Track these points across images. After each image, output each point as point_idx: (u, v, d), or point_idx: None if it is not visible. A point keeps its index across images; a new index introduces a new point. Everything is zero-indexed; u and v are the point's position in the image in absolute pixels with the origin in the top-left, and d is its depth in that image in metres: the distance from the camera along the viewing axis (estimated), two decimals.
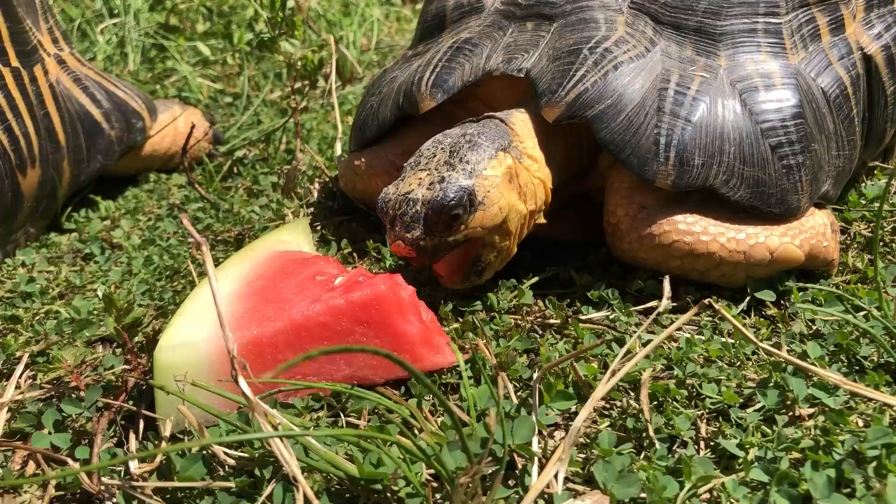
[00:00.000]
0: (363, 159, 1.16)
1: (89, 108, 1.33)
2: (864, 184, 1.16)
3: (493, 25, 1.09)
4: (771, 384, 0.78)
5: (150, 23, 2.29)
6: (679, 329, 0.90)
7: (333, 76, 1.59)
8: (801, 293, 0.94)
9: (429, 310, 0.87)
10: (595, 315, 0.94)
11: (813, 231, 0.95)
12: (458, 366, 0.83)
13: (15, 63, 1.17)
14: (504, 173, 0.91)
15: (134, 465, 0.73)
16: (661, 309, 0.75)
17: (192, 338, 0.78)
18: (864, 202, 1.12)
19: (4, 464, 0.78)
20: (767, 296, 0.93)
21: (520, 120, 0.98)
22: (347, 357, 0.80)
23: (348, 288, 0.83)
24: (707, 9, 0.99)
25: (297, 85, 1.49)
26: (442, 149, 0.91)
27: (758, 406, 0.77)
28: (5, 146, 1.14)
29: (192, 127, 1.38)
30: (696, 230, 0.92)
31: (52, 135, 1.24)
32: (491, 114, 0.97)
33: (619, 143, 0.93)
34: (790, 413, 0.76)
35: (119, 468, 0.74)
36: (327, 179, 1.35)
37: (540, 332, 0.92)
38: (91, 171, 1.36)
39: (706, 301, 0.75)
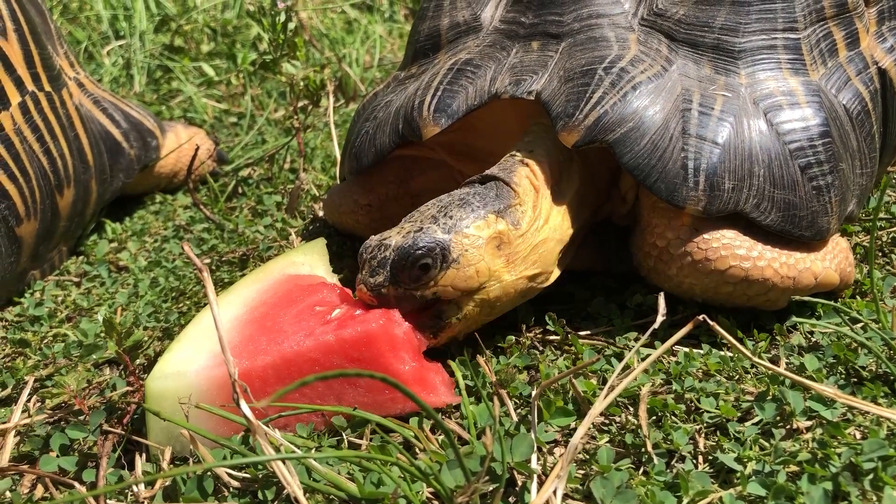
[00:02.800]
0: (334, 197, 1.18)
1: (110, 129, 1.37)
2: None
3: (495, 45, 1.06)
4: (769, 397, 0.79)
5: (156, 44, 2.32)
6: (678, 343, 0.90)
7: (332, 107, 1.60)
8: (799, 305, 0.95)
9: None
10: (594, 330, 0.95)
11: (842, 255, 0.94)
12: (453, 405, 0.84)
13: (48, 88, 1.20)
14: (491, 237, 0.86)
15: (140, 488, 0.74)
16: (656, 325, 0.76)
17: (185, 368, 0.79)
18: (863, 214, 1.13)
19: (14, 488, 0.79)
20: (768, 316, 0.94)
21: (524, 176, 0.92)
22: (338, 394, 0.80)
23: (341, 324, 0.82)
24: (724, 25, 0.96)
25: (300, 104, 1.50)
26: (436, 205, 0.89)
27: (756, 419, 0.78)
28: (46, 167, 1.18)
29: (197, 148, 1.40)
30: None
31: (83, 155, 1.27)
32: (494, 174, 0.92)
33: (645, 168, 0.89)
34: (788, 426, 0.76)
35: (125, 491, 0.75)
36: None
37: (540, 348, 0.93)
38: (114, 190, 1.40)
39: (700, 317, 0.76)
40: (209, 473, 0.74)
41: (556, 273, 0.94)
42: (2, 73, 1.11)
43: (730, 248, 0.89)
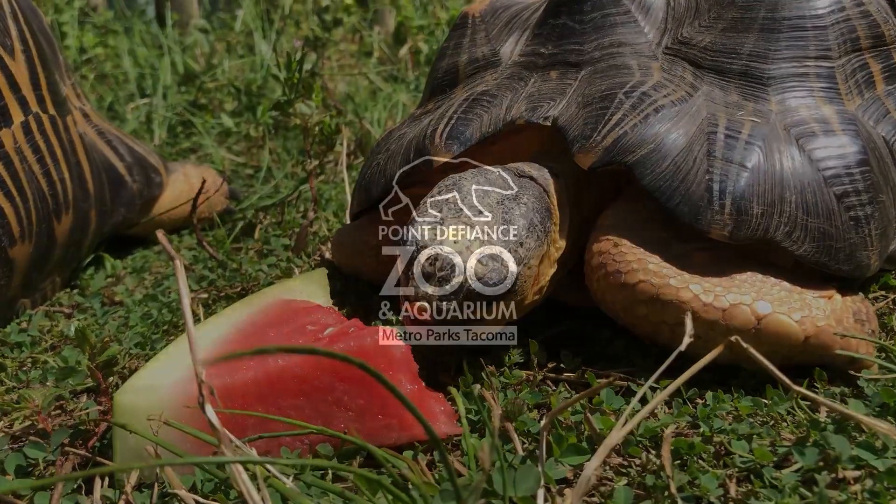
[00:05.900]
0: (343, 237, 1.14)
1: (113, 161, 1.34)
2: None
3: (513, 77, 1.03)
4: (809, 443, 0.69)
5: (180, 101, 2.33)
6: (705, 386, 0.82)
7: (345, 152, 1.56)
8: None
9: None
10: (614, 371, 0.86)
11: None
12: (455, 437, 0.76)
13: (52, 111, 1.17)
14: (536, 264, 0.83)
15: None
16: (683, 347, 0.67)
17: (159, 381, 0.71)
18: None
19: None
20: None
21: (555, 191, 0.88)
22: (326, 418, 0.72)
23: (332, 339, 0.75)
24: (753, 52, 0.92)
25: (314, 150, 1.47)
26: (489, 204, 0.81)
27: (795, 466, 0.68)
28: (45, 190, 1.14)
29: (203, 182, 1.35)
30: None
31: (83, 183, 1.23)
32: (530, 173, 0.87)
33: (667, 191, 0.84)
34: (832, 474, 0.67)
35: None
36: None
37: (553, 386, 0.85)
38: (114, 223, 1.35)
39: (733, 338, 0.68)
40: (177, 500, 0.65)
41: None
42: (6, 90, 1.08)
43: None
